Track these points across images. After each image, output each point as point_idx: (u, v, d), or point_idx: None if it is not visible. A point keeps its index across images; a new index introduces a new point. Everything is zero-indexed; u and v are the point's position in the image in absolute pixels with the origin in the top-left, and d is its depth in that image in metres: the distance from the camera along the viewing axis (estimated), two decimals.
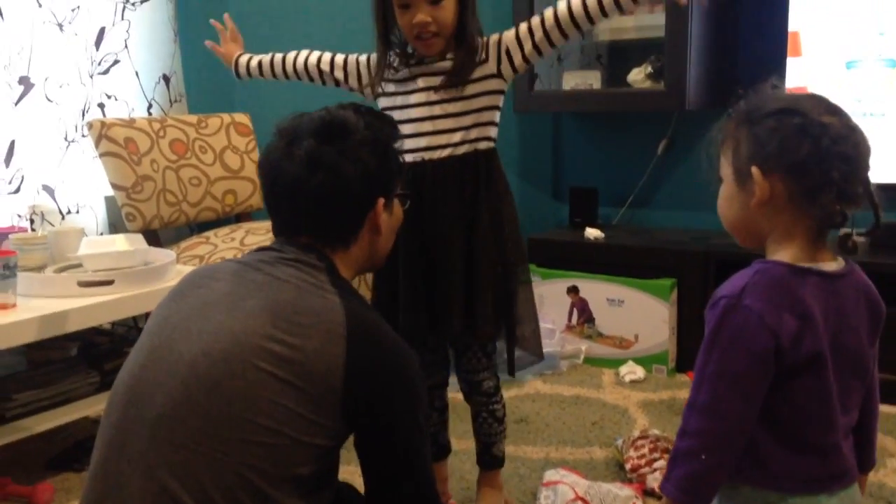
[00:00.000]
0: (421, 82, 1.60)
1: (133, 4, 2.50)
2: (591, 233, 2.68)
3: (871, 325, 1.04)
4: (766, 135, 0.98)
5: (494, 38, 1.60)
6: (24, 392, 1.84)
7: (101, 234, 2.44)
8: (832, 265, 1.01)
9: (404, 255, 1.60)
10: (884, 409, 1.73)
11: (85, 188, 2.41)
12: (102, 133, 2.31)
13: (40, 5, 2.26)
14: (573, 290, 2.59)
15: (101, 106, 2.50)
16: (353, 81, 1.69)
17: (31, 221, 2.25)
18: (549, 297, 2.62)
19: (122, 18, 2.50)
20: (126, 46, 2.54)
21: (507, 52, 1.58)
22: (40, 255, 1.93)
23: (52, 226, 2.31)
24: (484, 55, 1.58)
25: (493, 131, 1.63)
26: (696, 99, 2.51)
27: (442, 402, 1.77)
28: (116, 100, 2.55)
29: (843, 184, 0.97)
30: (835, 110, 0.99)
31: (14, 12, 2.20)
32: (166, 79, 2.72)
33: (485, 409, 1.71)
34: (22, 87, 2.25)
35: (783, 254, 1.01)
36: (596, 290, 2.57)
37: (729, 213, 1.06)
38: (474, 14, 1.60)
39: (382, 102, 1.64)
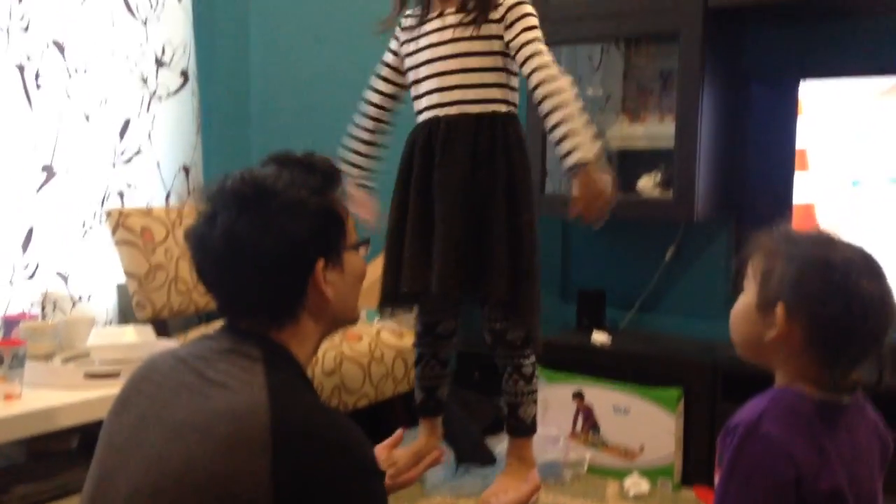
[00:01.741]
0: (434, 37, 1.61)
1: (159, 98, 2.58)
2: (598, 337, 2.68)
3: (881, 459, 1.04)
4: (801, 279, 0.99)
5: (511, 2, 1.61)
6: (23, 485, 1.83)
7: (111, 322, 2.45)
8: (844, 397, 1.01)
9: (413, 211, 1.61)
10: None
11: (98, 276, 2.43)
12: (120, 222, 2.35)
13: (69, 96, 2.33)
14: (578, 396, 2.58)
15: (121, 194, 2.55)
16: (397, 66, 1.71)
17: (43, 308, 2.27)
18: (555, 401, 2.60)
19: (148, 111, 2.57)
20: (149, 137, 2.60)
21: (510, 42, 1.61)
22: (49, 343, 1.95)
23: (64, 313, 2.32)
24: (500, 14, 1.60)
25: (512, 95, 1.63)
26: (704, 210, 2.55)
27: (446, 354, 1.75)
28: (136, 189, 2.60)
29: (861, 355, 0.97)
30: (876, 273, 1.00)
31: (43, 102, 2.27)
32: (186, 170, 2.78)
33: (510, 363, 1.65)
34: (45, 175, 2.30)
35: (796, 383, 1.00)
36: (602, 396, 2.55)
37: (741, 329, 1.07)
38: None
39: (406, 69, 1.67)
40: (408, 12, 1.73)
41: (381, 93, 1.77)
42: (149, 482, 0.95)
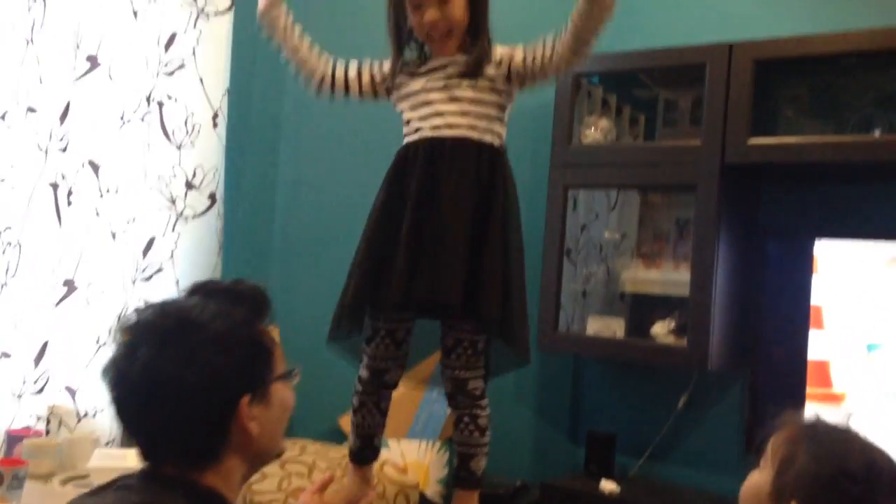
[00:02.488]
0: (433, 79, 1.66)
1: (185, 218, 2.63)
2: (607, 486, 2.62)
3: None
4: (818, 484, 0.97)
5: (498, 50, 1.69)
6: None
7: (114, 441, 2.43)
8: None
9: (410, 223, 1.59)
10: None
11: (105, 392, 2.42)
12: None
13: (98, 214, 2.39)
14: None
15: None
16: (366, 77, 1.76)
17: (48, 422, 2.26)
18: None
19: (173, 230, 2.63)
20: (172, 256, 2.65)
21: (511, 66, 1.68)
22: (51, 462, 1.93)
23: (68, 429, 2.30)
24: (497, 59, 1.67)
25: (503, 131, 1.70)
26: (718, 360, 2.53)
27: (386, 405, 1.71)
28: None
29: None
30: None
31: (73, 219, 2.32)
32: None
33: (468, 413, 1.63)
34: (66, 289, 2.33)
35: None
36: None
37: None
38: (486, 12, 1.68)
39: (398, 98, 1.71)
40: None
41: (355, 75, 1.79)
42: None
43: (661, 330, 2.72)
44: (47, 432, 2.23)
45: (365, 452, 1.80)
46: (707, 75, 2.48)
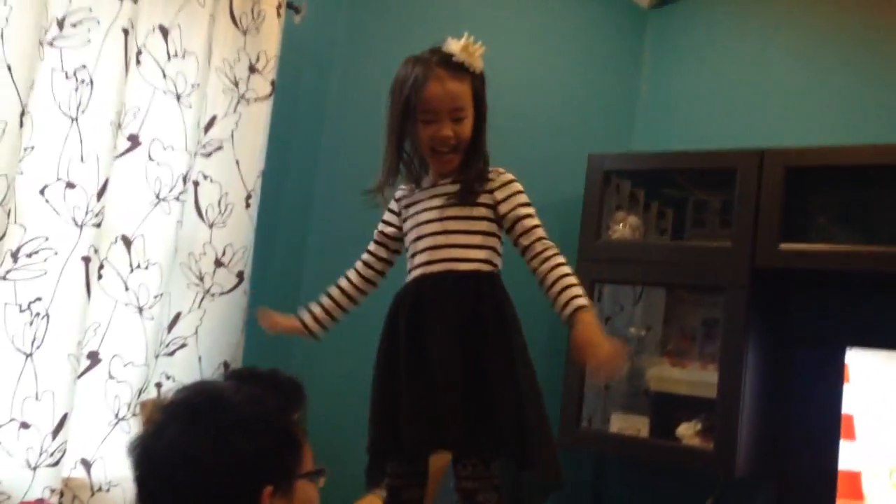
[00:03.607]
0: (428, 202, 1.71)
1: (212, 295, 2.65)
2: None
3: None
4: None
5: (507, 178, 1.74)
6: None
7: None
8: None
9: (405, 370, 1.61)
10: None
11: (121, 466, 2.40)
12: (153, 414, 2.35)
13: (127, 288, 2.41)
14: None
15: (159, 385, 2.57)
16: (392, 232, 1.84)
17: (62, 495, 2.23)
18: None
19: (199, 307, 2.64)
20: (196, 332, 2.65)
21: (505, 215, 1.73)
22: None
23: (82, 502, 2.28)
24: (492, 186, 1.72)
25: (497, 259, 1.72)
26: (745, 466, 2.48)
27: None
28: (174, 381, 2.62)
29: None
30: None
31: (101, 294, 2.34)
32: (226, 365, 2.81)
33: None
34: (88, 362, 2.34)
35: None
36: None
37: None
38: (484, 138, 1.73)
39: (406, 228, 1.77)
40: (401, 186, 1.87)
41: (375, 256, 1.90)
42: None
43: (687, 431, 2.67)
44: None
45: None
46: (738, 179, 2.50)
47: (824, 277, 2.51)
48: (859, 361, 2.38)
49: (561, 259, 1.77)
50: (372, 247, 1.94)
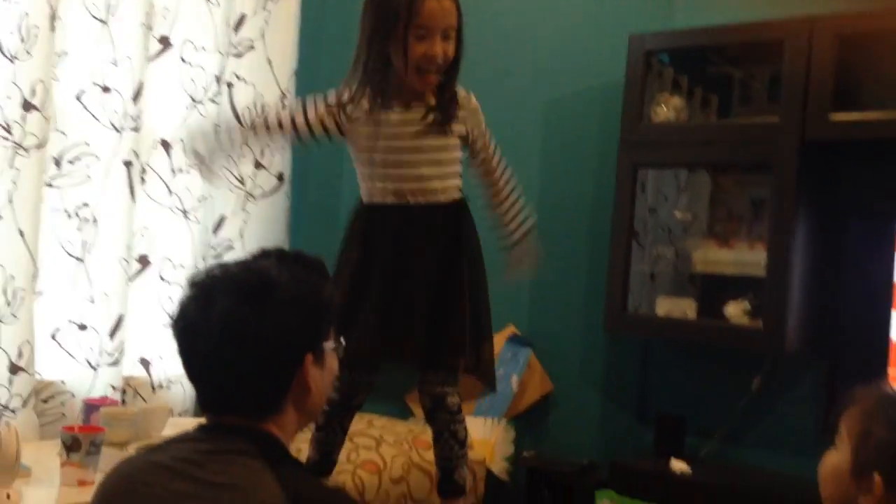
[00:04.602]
0: (405, 127, 1.67)
1: (254, 198, 2.67)
2: (677, 465, 2.57)
3: None
4: None
5: (475, 104, 1.75)
6: None
7: (188, 411, 2.48)
8: None
9: (383, 289, 1.66)
10: None
11: (179, 365, 2.48)
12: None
13: (171, 192, 2.44)
14: None
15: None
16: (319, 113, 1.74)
17: (124, 392, 2.32)
18: None
19: (243, 209, 2.67)
20: (241, 234, 2.69)
21: (476, 139, 1.76)
22: (126, 431, 1.97)
23: (144, 399, 2.37)
24: (463, 112, 1.73)
25: (461, 181, 1.76)
26: (794, 342, 2.46)
27: (349, 423, 1.80)
28: None
29: None
30: None
31: (145, 198, 2.38)
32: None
33: (447, 428, 1.69)
34: (140, 265, 2.39)
35: None
36: None
37: (832, 489, 1.05)
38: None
39: (356, 137, 1.71)
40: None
41: (308, 130, 1.74)
42: None
43: (735, 310, 2.65)
44: (123, 402, 2.29)
45: (323, 465, 1.85)
46: (786, 52, 2.40)
47: (874, 148, 2.43)
48: None
49: (517, 189, 1.87)
50: (305, 119, 1.75)
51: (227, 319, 1.02)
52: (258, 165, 2.64)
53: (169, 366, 2.46)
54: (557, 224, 3.04)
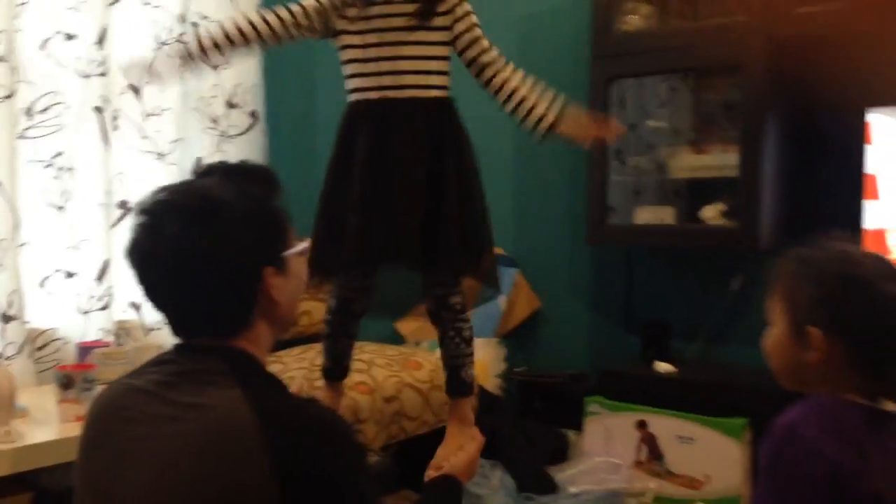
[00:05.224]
0: (385, 21, 1.64)
1: (230, 137, 2.68)
2: (662, 366, 2.64)
3: None
4: (829, 298, 1.00)
5: (466, 8, 1.69)
6: None
7: None
8: (887, 405, 1.01)
9: (366, 188, 1.63)
10: None
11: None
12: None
13: (145, 136, 2.45)
14: (641, 425, 2.54)
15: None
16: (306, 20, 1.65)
17: (117, 336, 2.37)
18: (617, 430, 2.57)
19: (218, 150, 2.69)
20: None
21: (462, 34, 1.69)
22: (120, 368, 2.01)
23: (136, 342, 2.42)
24: (447, 8, 1.67)
25: (449, 81, 1.71)
26: (770, 239, 2.50)
27: (355, 330, 1.82)
28: None
29: None
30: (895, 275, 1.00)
31: (120, 144, 2.39)
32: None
33: (452, 327, 1.70)
34: (121, 211, 2.42)
35: (835, 391, 1.01)
36: (665, 425, 2.51)
37: (779, 359, 1.08)
38: None
39: (342, 36, 1.67)
40: None
41: (293, 21, 1.64)
42: None
43: (712, 213, 2.69)
44: (118, 345, 2.35)
45: (335, 371, 1.88)
46: None
47: (841, 42, 2.44)
48: (880, 122, 2.35)
49: (529, 79, 1.77)
50: (292, 16, 1.64)
51: (177, 246, 1.02)
52: (230, 105, 2.65)
53: None
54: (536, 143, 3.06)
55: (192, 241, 1.02)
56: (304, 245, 1.19)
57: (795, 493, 0.96)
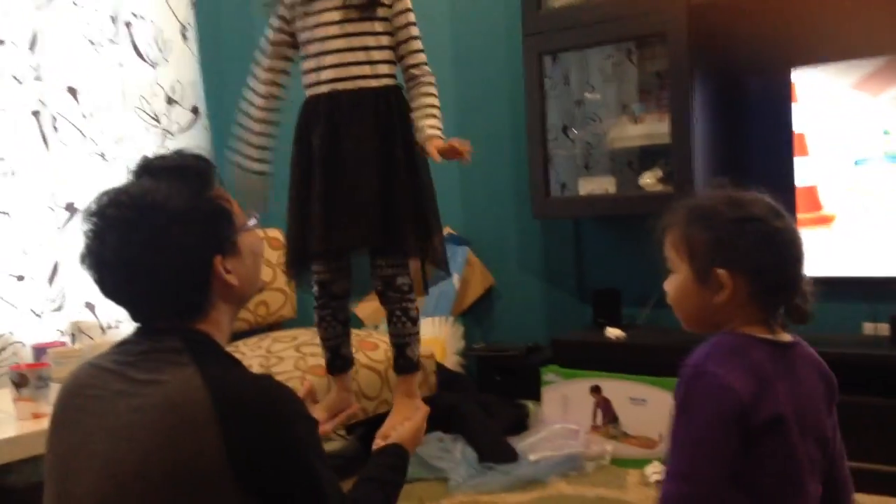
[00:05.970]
0: (328, 14, 1.70)
1: (172, 134, 2.70)
2: (613, 332, 2.72)
3: (827, 393, 1.10)
4: (729, 239, 1.05)
5: (404, 3, 1.75)
6: None
7: None
8: (784, 337, 1.07)
9: (324, 178, 1.69)
10: None
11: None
12: None
13: (84, 136, 2.46)
14: (596, 390, 2.61)
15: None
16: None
17: (73, 336, 2.39)
18: (573, 397, 2.64)
19: (163, 146, 2.70)
20: None
21: (398, 30, 1.75)
22: (75, 367, 2.05)
23: (92, 340, 2.44)
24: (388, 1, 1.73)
25: (394, 69, 1.78)
26: None
27: (344, 315, 1.84)
28: None
29: (796, 280, 1.04)
30: (781, 213, 1.09)
31: (60, 146, 2.40)
32: None
33: (398, 306, 1.76)
34: (68, 213, 2.43)
35: (740, 328, 1.07)
36: (618, 389, 2.59)
37: (686, 305, 1.12)
38: None
39: (300, 35, 1.75)
40: None
41: (273, 69, 1.82)
42: (111, 490, 1.00)
43: (650, 180, 2.77)
44: (74, 345, 2.36)
45: (335, 362, 1.91)
46: None
47: (760, 4, 2.52)
48: (805, 80, 2.44)
49: (433, 91, 1.83)
50: (268, 62, 1.83)
51: (121, 255, 1.05)
52: (170, 101, 2.67)
53: (115, 306, 2.52)
54: (478, 123, 3.11)
55: (135, 248, 1.05)
56: (251, 221, 1.20)
57: (708, 426, 1.01)
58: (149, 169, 1.13)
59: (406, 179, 1.74)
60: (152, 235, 1.05)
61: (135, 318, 1.13)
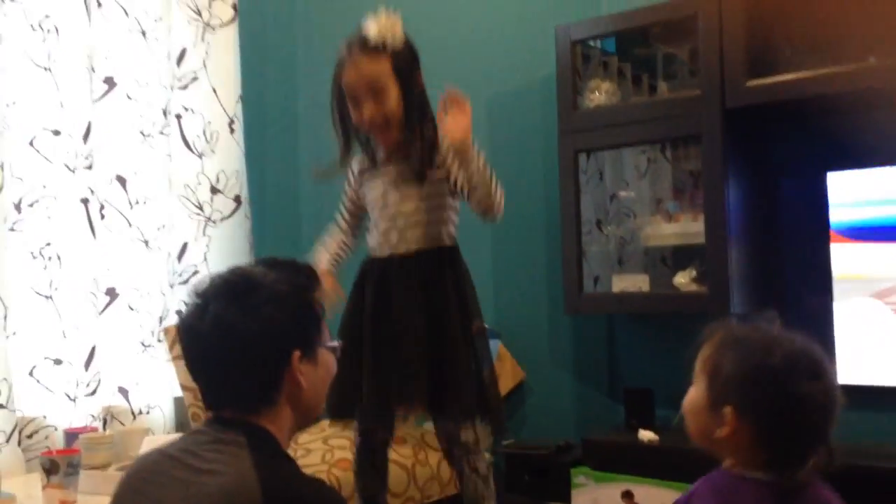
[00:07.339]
0: (383, 180, 1.74)
1: (214, 222, 2.77)
2: (645, 435, 2.67)
3: None
4: (747, 384, 1.05)
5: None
6: None
7: (168, 433, 2.57)
8: (794, 479, 1.06)
9: (372, 340, 1.70)
10: None
11: (157, 390, 2.57)
12: (176, 339, 2.50)
13: (130, 225, 2.53)
14: (627, 496, 2.55)
15: (179, 312, 2.72)
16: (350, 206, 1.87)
17: (104, 421, 2.41)
18: (604, 501, 2.58)
19: (204, 234, 2.76)
20: (205, 258, 2.78)
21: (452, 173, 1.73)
22: (106, 453, 2.06)
23: (123, 425, 2.45)
24: (441, 160, 1.73)
25: (454, 230, 1.78)
26: (742, 302, 2.57)
27: (382, 461, 1.84)
28: None
29: (812, 443, 1.04)
30: (819, 372, 1.06)
31: (106, 232, 2.47)
32: None
33: (467, 463, 1.71)
34: (108, 298, 2.48)
35: (745, 468, 1.08)
36: (651, 495, 2.52)
37: (695, 423, 1.13)
38: (421, 106, 1.73)
39: (366, 203, 1.80)
40: (356, 158, 1.87)
41: (346, 219, 1.92)
42: None
43: (684, 279, 2.76)
44: (104, 430, 2.37)
45: None
46: (699, 26, 2.52)
47: (797, 108, 2.54)
48: (839, 184, 2.44)
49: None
50: (343, 223, 1.92)
51: (216, 321, 1.13)
52: (214, 190, 2.74)
53: (146, 391, 2.55)
54: (513, 217, 3.13)
55: (230, 316, 1.13)
56: (336, 343, 1.29)
57: None
58: (265, 261, 1.25)
59: (460, 339, 1.74)
60: (249, 305, 1.13)
61: (206, 397, 1.20)
